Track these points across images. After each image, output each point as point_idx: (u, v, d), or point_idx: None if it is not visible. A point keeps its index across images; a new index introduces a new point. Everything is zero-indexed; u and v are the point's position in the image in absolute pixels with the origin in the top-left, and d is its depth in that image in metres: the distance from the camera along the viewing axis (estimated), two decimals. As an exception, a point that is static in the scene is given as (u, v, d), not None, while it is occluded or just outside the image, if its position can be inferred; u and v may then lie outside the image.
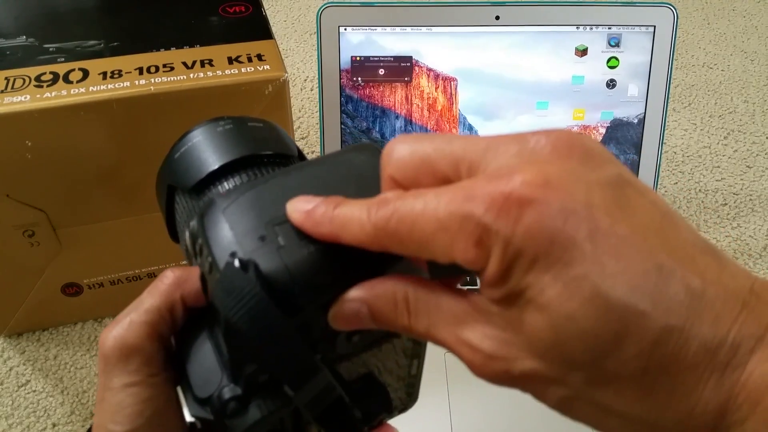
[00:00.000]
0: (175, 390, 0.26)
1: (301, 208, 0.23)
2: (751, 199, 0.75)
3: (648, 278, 0.18)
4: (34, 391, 0.57)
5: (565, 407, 0.20)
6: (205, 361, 0.24)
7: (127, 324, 0.25)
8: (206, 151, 0.31)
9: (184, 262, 0.36)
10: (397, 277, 0.23)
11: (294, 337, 0.22)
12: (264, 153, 0.31)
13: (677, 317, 0.18)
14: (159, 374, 0.25)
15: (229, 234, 0.23)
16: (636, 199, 0.20)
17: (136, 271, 0.59)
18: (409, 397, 0.32)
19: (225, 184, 0.30)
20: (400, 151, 0.22)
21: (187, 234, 0.28)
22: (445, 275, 0.22)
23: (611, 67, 0.64)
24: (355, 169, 0.25)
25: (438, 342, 0.22)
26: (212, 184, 0.30)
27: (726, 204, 0.75)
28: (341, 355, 0.25)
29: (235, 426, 0.23)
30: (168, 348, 0.26)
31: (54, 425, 0.55)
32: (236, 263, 0.22)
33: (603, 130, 0.65)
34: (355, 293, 0.23)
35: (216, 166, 0.30)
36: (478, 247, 0.19)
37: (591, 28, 0.63)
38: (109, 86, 0.48)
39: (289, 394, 0.23)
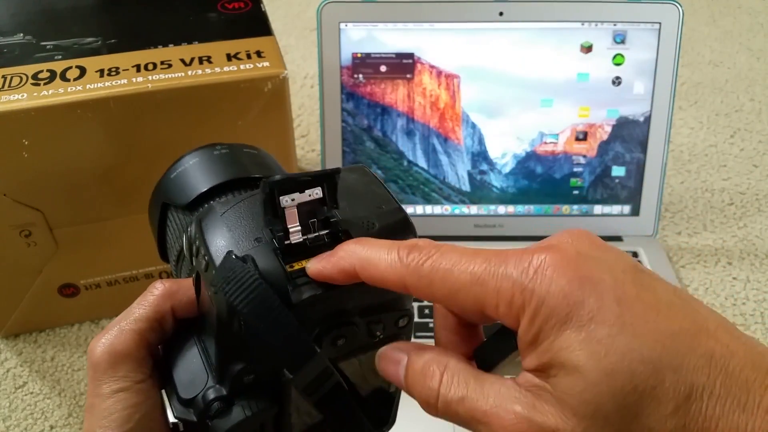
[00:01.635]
0: (161, 394, 0.27)
1: (320, 257, 0.24)
2: (757, 199, 0.74)
3: (676, 340, 0.20)
4: (32, 393, 0.57)
5: None
6: (192, 364, 0.26)
7: (116, 332, 0.26)
8: (203, 171, 0.33)
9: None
10: (440, 349, 0.24)
11: (291, 319, 0.23)
12: (257, 176, 0.32)
13: (705, 377, 0.19)
14: (146, 380, 0.26)
15: (227, 235, 0.24)
16: (653, 282, 0.22)
17: (134, 272, 0.58)
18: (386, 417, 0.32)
19: (219, 200, 0.31)
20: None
21: (183, 239, 0.30)
22: (494, 359, 0.24)
23: (617, 65, 0.63)
24: (346, 186, 0.26)
25: (468, 413, 0.22)
26: (206, 202, 0.32)
27: (732, 203, 0.74)
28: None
29: (217, 427, 0.24)
30: (156, 356, 0.27)
31: (51, 427, 0.54)
32: (233, 257, 0.23)
33: (609, 128, 0.64)
34: (403, 344, 0.24)
35: (212, 185, 0.32)
36: (510, 305, 0.21)
37: (596, 25, 0.62)
38: (107, 84, 0.48)
39: (287, 377, 0.23)
